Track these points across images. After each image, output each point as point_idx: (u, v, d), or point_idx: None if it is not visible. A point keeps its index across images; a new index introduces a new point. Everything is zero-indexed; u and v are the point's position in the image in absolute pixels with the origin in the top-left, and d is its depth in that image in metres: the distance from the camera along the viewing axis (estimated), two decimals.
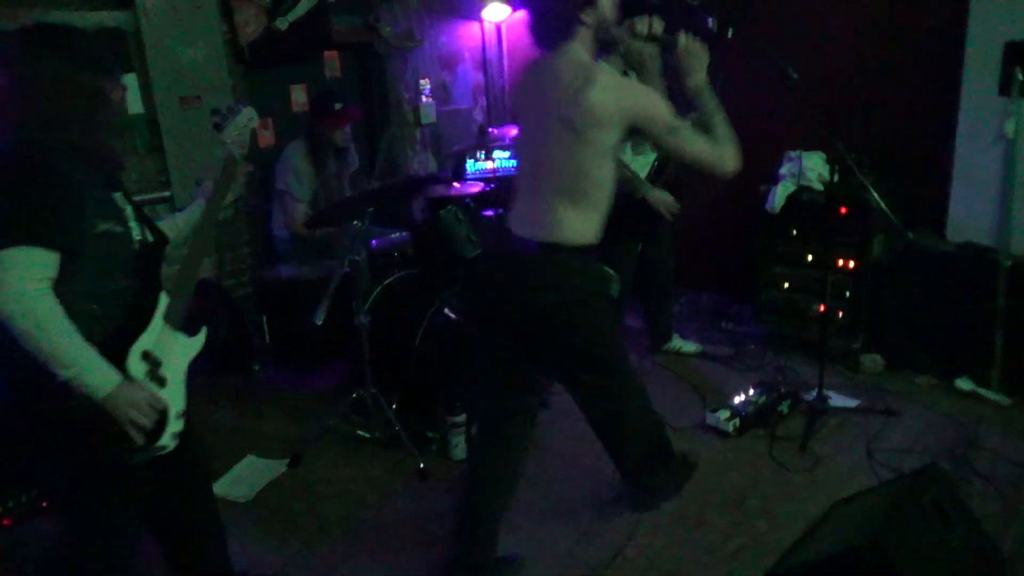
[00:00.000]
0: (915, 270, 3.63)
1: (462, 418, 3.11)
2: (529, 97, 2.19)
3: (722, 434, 3.20)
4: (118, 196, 1.79)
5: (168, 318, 1.80)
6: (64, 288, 1.60)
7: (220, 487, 2.98)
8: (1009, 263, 3.31)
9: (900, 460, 2.94)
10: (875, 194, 3.31)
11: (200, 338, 1.91)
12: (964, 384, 3.48)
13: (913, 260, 3.64)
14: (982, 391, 3.42)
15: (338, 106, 3.76)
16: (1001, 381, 3.40)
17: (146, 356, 1.73)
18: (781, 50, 3.38)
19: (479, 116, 5.69)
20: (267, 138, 4.39)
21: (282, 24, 4.27)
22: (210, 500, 2.14)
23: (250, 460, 3.21)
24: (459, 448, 3.13)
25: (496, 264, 2.31)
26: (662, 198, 3.48)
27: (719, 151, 2.11)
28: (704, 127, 2.12)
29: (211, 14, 3.99)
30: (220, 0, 4.03)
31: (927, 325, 3.58)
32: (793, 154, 3.89)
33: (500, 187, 4.27)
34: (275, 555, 2.63)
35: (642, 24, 2.17)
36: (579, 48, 2.08)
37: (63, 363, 1.56)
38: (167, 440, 1.75)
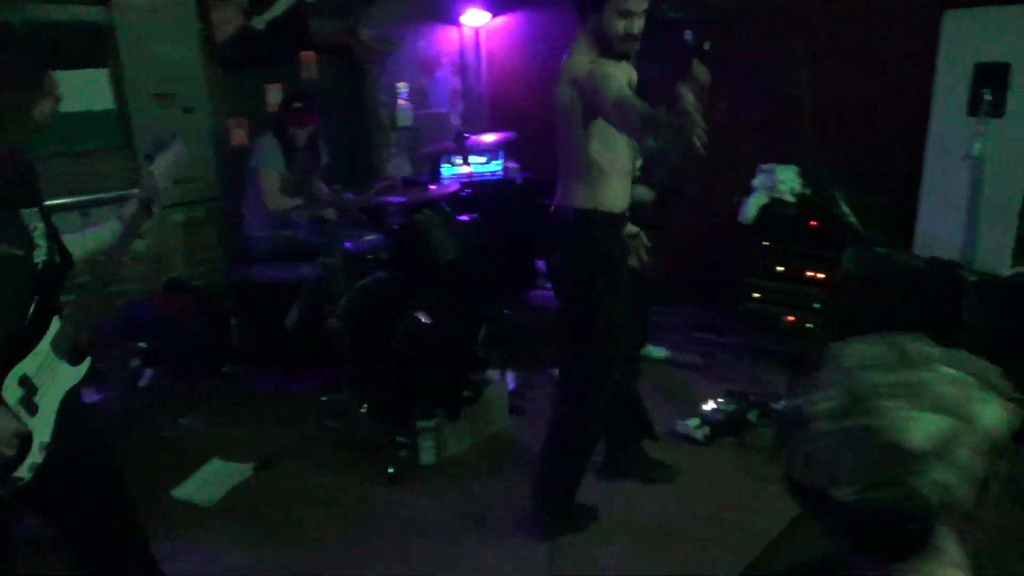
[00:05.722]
0: (884, 283, 3.68)
1: (432, 423, 3.10)
2: None
3: (693, 442, 3.22)
4: (29, 213, 1.69)
5: (56, 345, 1.71)
6: None
7: (184, 491, 2.96)
8: (974, 279, 3.38)
9: None
10: (845, 208, 3.36)
11: (82, 368, 1.80)
12: None
13: (883, 273, 3.70)
14: None
15: (296, 105, 3.92)
16: None
17: (24, 381, 1.63)
18: (759, 66, 3.43)
19: (456, 121, 5.68)
20: (239, 137, 4.34)
21: (259, 23, 4.24)
22: (123, 515, 1.98)
23: (215, 463, 3.16)
24: (428, 453, 3.11)
25: None
26: (642, 192, 3.47)
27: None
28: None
29: (189, 12, 3.95)
30: None
31: None
32: (766, 167, 3.93)
33: (475, 192, 4.26)
34: (247, 560, 2.58)
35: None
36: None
37: None
38: (24, 472, 1.63)
